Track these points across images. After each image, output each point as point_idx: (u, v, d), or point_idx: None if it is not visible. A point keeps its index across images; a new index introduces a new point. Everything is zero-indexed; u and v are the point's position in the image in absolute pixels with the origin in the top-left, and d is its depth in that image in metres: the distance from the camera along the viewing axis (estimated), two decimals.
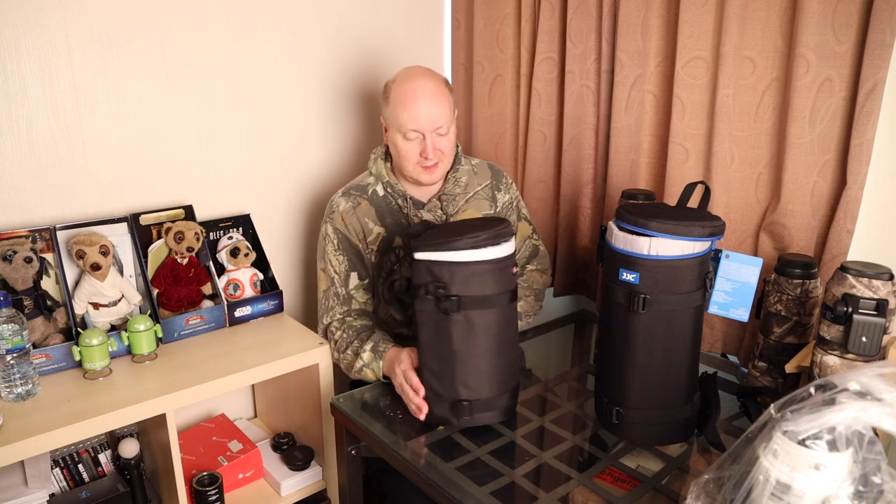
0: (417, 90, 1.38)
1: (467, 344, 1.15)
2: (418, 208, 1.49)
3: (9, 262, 1.32)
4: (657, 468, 1.09)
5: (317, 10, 1.77)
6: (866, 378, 0.73)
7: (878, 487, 0.72)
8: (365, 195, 1.49)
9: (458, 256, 1.12)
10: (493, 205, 1.58)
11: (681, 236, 1.01)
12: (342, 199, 1.49)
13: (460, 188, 1.53)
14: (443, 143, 1.42)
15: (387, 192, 1.49)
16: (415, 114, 1.37)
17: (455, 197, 1.52)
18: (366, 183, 1.51)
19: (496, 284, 1.15)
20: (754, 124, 1.37)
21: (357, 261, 1.48)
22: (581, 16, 1.64)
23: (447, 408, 1.18)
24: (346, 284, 1.47)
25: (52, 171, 1.46)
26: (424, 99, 1.37)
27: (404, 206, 1.48)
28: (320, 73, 1.82)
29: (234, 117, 1.69)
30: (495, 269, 1.14)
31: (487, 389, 1.18)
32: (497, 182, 1.59)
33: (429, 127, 1.38)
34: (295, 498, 1.57)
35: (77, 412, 1.20)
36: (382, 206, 1.49)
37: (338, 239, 1.47)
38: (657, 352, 1.07)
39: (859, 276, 1.01)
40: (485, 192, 1.57)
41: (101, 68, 1.47)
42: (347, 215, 1.47)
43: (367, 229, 1.47)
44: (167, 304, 1.51)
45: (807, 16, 1.22)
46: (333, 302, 1.48)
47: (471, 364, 1.16)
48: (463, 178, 1.54)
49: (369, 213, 1.48)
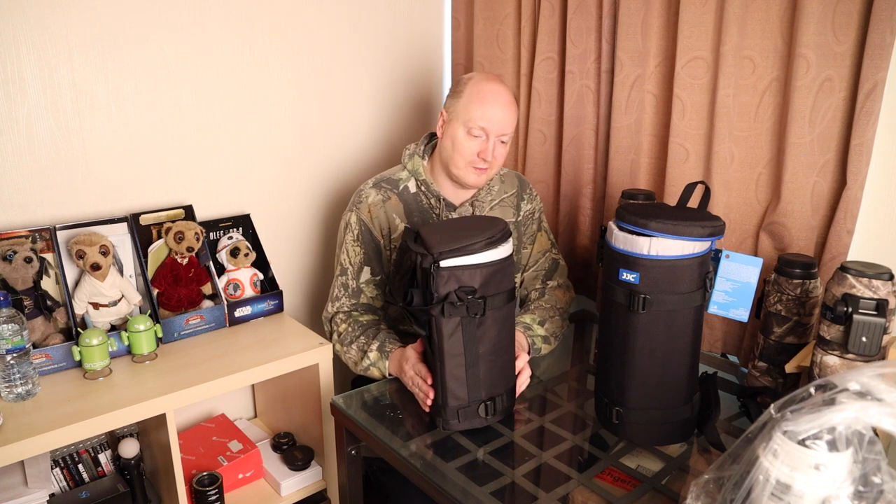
0: (497, 93, 1.40)
1: (492, 343, 1.16)
2: (450, 210, 1.49)
3: (9, 262, 1.32)
4: (657, 468, 1.09)
5: (317, 10, 1.77)
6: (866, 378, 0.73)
7: (878, 487, 0.72)
8: (395, 190, 1.48)
9: (482, 258, 1.12)
10: (517, 213, 1.58)
11: (681, 236, 1.01)
12: (373, 190, 1.48)
13: (492, 195, 1.54)
14: (500, 151, 1.43)
15: (419, 189, 1.49)
16: (489, 114, 1.38)
17: (485, 203, 1.53)
18: (398, 178, 1.50)
19: (509, 280, 1.17)
20: (754, 124, 1.37)
21: (374, 256, 1.47)
22: (581, 16, 1.64)
23: (474, 412, 1.17)
24: (358, 277, 1.47)
25: (52, 171, 1.46)
26: (501, 103, 1.39)
27: (437, 206, 1.48)
28: (320, 73, 1.82)
29: (234, 117, 1.69)
30: (507, 266, 1.16)
31: (504, 384, 1.21)
32: (522, 192, 1.60)
33: (496, 130, 1.39)
34: (295, 498, 1.57)
35: (77, 412, 1.20)
36: (412, 203, 1.48)
37: (360, 230, 1.46)
38: (657, 352, 1.07)
39: (859, 276, 1.01)
40: (510, 200, 1.57)
41: (101, 68, 1.47)
42: (376, 208, 1.46)
43: (394, 226, 1.47)
44: (167, 304, 1.51)
45: (807, 16, 1.22)
46: (341, 292, 1.47)
47: (496, 363, 1.18)
48: (495, 186, 1.56)
49: (398, 209, 1.47)
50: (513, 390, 1.24)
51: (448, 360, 1.15)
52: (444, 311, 1.11)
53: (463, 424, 1.18)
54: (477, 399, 1.17)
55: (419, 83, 2.04)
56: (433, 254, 1.10)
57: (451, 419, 1.17)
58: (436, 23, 2.05)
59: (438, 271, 1.10)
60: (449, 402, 1.16)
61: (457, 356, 1.14)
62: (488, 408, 1.18)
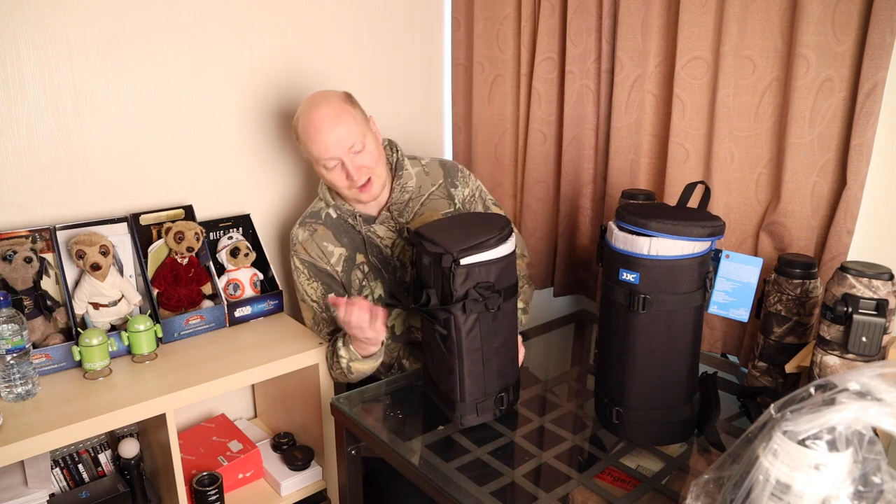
0: (318, 121, 1.36)
1: (504, 335, 1.19)
2: (369, 223, 1.48)
3: (9, 262, 1.32)
4: (657, 468, 1.09)
5: (316, 10, 1.77)
6: (866, 378, 0.73)
7: (878, 487, 0.72)
8: (319, 220, 1.50)
9: (495, 253, 1.14)
10: (452, 203, 1.53)
11: (681, 236, 1.01)
12: (299, 230, 1.50)
13: (409, 193, 1.50)
14: (362, 159, 1.38)
15: (338, 213, 1.49)
16: (322, 144, 1.36)
17: (407, 203, 1.49)
18: (318, 209, 1.51)
19: (514, 273, 1.20)
20: (754, 124, 1.37)
21: (331, 281, 1.48)
22: (581, 16, 1.64)
23: (490, 405, 1.20)
24: (328, 308, 1.47)
25: (52, 171, 1.46)
26: (326, 127, 1.35)
27: (355, 223, 1.48)
28: (320, 73, 1.82)
29: (234, 117, 1.69)
30: (513, 259, 1.19)
31: (514, 374, 1.24)
32: (451, 179, 1.54)
33: (340, 152, 1.36)
34: (295, 498, 1.57)
35: (77, 412, 1.20)
36: (338, 226, 1.49)
37: (306, 268, 1.48)
38: (657, 352, 1.07)
39: (859, 276, 1.01)
40: (440, 191, 1.53)
41: (101, 68, 1.47)
42: (307, 244, 1.48)
43: (328, 252, 1.47)
44: (167, 304, 1.51)
45: (807, 16, 1.22)
46: (322, 326, 1.49)
47: (507, 354, 1.21)
48: (410, 182, 1.50)
49: (326, 237, 1.48)
50: (518, 380, 1.26)
51: (467, 357, 1.16)
52: (464, 307, 1.12)
53: (480, 419, 1.20)
54: (493, 391, 1.19)
55: (419, 83, 2.04)
56: (452, 252, 1.11)
57: (468, 414, 1.19)
58: (436, 23, 2.05)
59: (458, 269, 1.11)
60: (467, 398, 1.18)
61: (475, 351, 1.16)
62: (502, 400, 1.20)
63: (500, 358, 1.19)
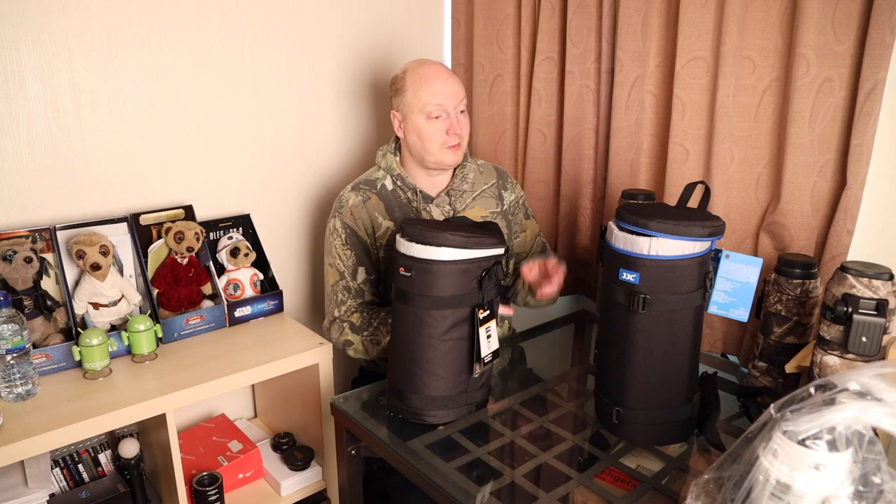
0: (435, 70, 1.44)
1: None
2: (427, 202, 1.51)
3: (9, 262, 1.32)
4: (657, 468, 1.09)
5: (316, 10, 1.77)
6: (866, 378, 0.73)
7: (878, 487, 0.72)
8: (374, 189, 1.51)
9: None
10: (500, 203, 1.60)
11: (681, 236, 1.01)
12: (352, 193, 1.51)
13: (468, 185, 1.56)
14: (464, 121, 1.46)
15: (396, 185, 1.51)
16: (439, 90, 1.42)
17: (463, 193, 1.55)
18: (374, 178, 1.53)
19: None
20: (754, 124, 1.37)
21: (364, 256, 1.49)
22: (581, 16, 1.64)
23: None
24: (355, 278, 1.48)
25: (52, 171, 1.46)
26: (444, 77, 1.44)
27: (414, 199, 1.50)
28: (320, 73, 1.82)
29: (234, 117, 1.69)
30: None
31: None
32: (503, 182, 1.63)
33: (452, 103, 1.43)
34: (295, 498, 1.57)
35: (77, 412, 1.20)
36: (391, 200, 1.51)
37: (346, 234, 1.48)
38: (657, 352, 1.07)
39: (859, 276, 1.01)
40: (491, 190, 1.60)
41: (101, 68, 1.47)
42: (357, 210, 1.48)
43: (377, 224, 1.49)
44: (167, 304, 1.51)
45: (807, 16, 1.22)
46: (344, 296, 1.49)
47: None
48: (470, 174, 1.57)
49: (378, 208, 1.49)
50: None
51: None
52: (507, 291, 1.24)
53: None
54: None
55: None
56: (505, 244, 1.17)
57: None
58: (436, 23, 2.05)
59: (500, 261, 1.18)
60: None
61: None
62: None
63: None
